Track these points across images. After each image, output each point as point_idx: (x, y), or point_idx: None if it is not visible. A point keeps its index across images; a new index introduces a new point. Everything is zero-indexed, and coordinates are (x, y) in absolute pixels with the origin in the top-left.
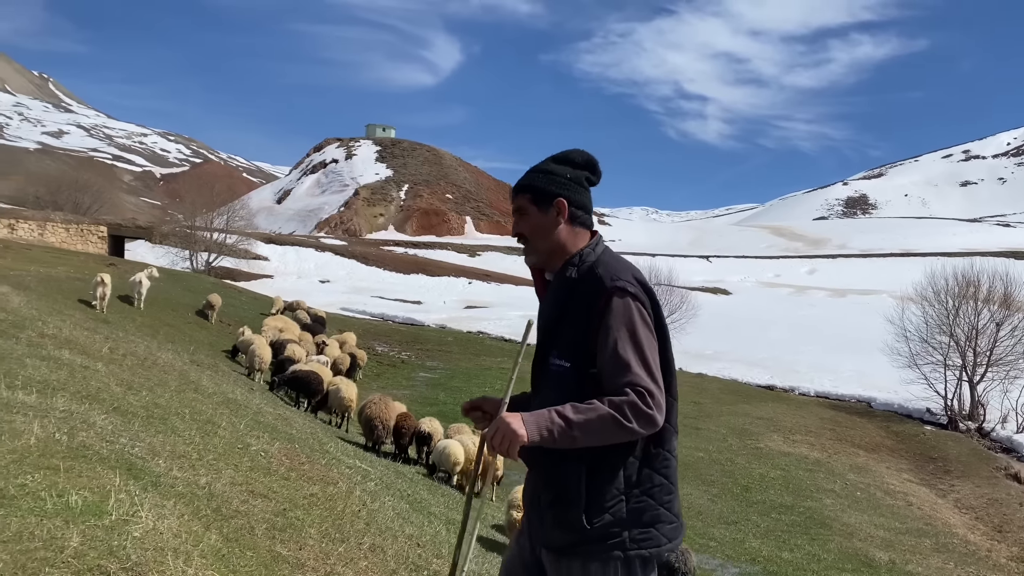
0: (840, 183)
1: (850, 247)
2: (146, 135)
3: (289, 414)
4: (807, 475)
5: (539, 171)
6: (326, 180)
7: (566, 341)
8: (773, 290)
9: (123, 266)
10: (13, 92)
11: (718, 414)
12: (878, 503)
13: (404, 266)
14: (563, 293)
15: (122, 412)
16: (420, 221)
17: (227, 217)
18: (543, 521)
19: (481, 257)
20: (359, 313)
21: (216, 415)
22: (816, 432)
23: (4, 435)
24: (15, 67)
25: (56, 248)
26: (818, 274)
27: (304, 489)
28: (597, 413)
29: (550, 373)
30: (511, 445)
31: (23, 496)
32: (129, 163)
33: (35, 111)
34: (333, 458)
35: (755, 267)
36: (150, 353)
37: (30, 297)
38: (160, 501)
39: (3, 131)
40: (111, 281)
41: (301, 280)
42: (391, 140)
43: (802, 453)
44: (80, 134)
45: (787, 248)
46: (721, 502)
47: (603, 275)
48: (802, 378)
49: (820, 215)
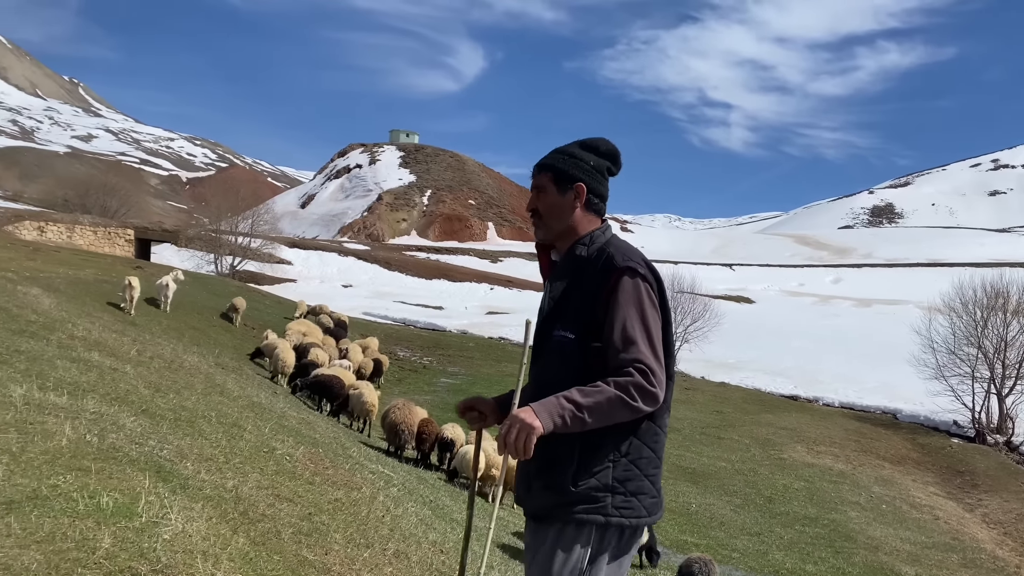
0: (866, 192)
1: (876, 256)
2: (173, 139)
3: (312, 418)
4: (831, 487)
5: (564, 153)
6: (350, 185)
7: (572, 314)
8: (797, 299)
9: (149, 269)
10: (44, 97)
11: (741, 424)
12: (904, 517)
13: (426, 271)
14: (572, 270)
15: (150, 415)
16: (442, 226)
17: (252, 221)
18: (530, 491)
19: (503, 263)
20: (381, 318)
21: (242, 418)
22: (840, 443)
23: (37, 436)
24: (46, 72)
25: (84, 250)
26: (843, 283)
27: (329, 494)
28: (605, 395)
29: (553, 343)
30: (528, 438)
31: (55, 497)
32: (156, 167)
33: (65, 115)
34: (356, 463)
35: (779, 276)
36: (176, 356)
37: (60, 299)
38: (188, 504)
39: (34, 135)
40: (139, 284)
41: (324, 284)
42: (414, 146)
43: (826, 464)
44: (109, 138)
45: (811, 257)
46: (744, 513)
47: (615, 255)
48: (826, 388)
49: (845, 224)
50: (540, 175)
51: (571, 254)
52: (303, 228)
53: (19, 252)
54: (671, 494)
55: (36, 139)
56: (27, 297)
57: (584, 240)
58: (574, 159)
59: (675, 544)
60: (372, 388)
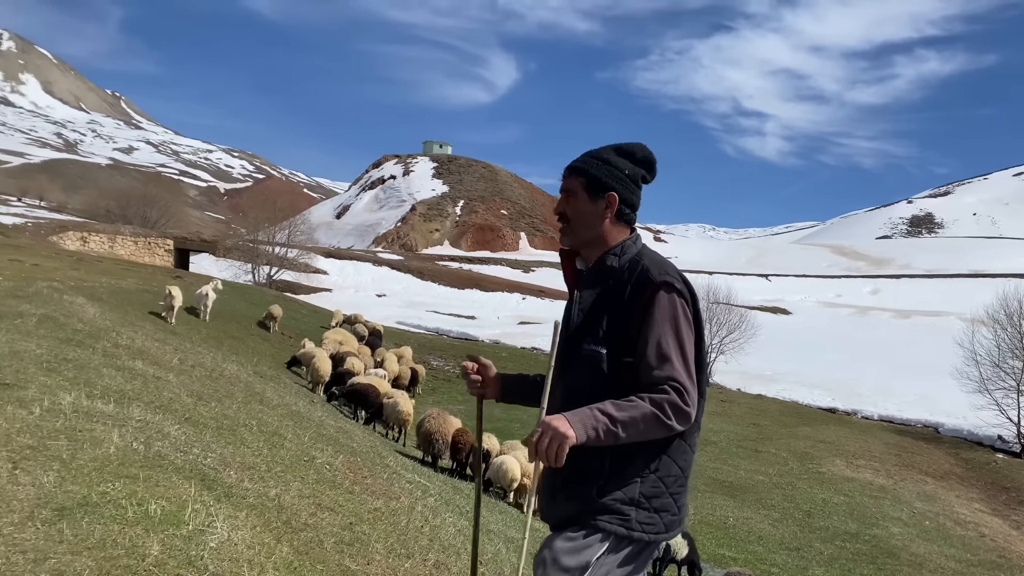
0: (904, 201)
1: (915, 267)
2: (211, 151)
3: (349, 427)
4: (872, 502)
5: (598, 158)
6: (384, 196)
7: (603, 328)
8: (834, 310)
9: (188, 279)
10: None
11: (778, 436)
12: (948, 533)
13: (459, 281)
14: (603, 281)
15: (194, 423)
16: (475, 236)
17: (288, 232)
18: (554, 499)
19: (535, 273)
20: (414, 327)
21: (282, 427)
22: (880, 457)
23: (86, 443)
24: (89, 86)
25: (125, 260)
26: (881, 294)
27: (368, 503)
28: (640, 411)
29: (583, 357)
30: (560, 447)
31: (105, 504)
32: (195, 178)
33: (107, 128)
34: (394, 472)
35: (816, 286)
36: (216, 365)
37: (103, 308)
38: (233, 512)
39: (77, 147)
40: (180, 294)
41: (358, 294)
42: (447, 156)
43: (866, 479)
44: (149, 150)
45: (849, 267)
46: (783, 527)
47: (650, 268)
48: (865, 401)
49: (883, 234)
50: (571, 178)
51: (601, 264)
52: (338, 238)
53: (63, 262)
54: (708, 507)
55: (80, 151)
56: (73, 306)
57: (615, 250)
58: (608, 166)
59: (713, 558)
60: (407, 397)
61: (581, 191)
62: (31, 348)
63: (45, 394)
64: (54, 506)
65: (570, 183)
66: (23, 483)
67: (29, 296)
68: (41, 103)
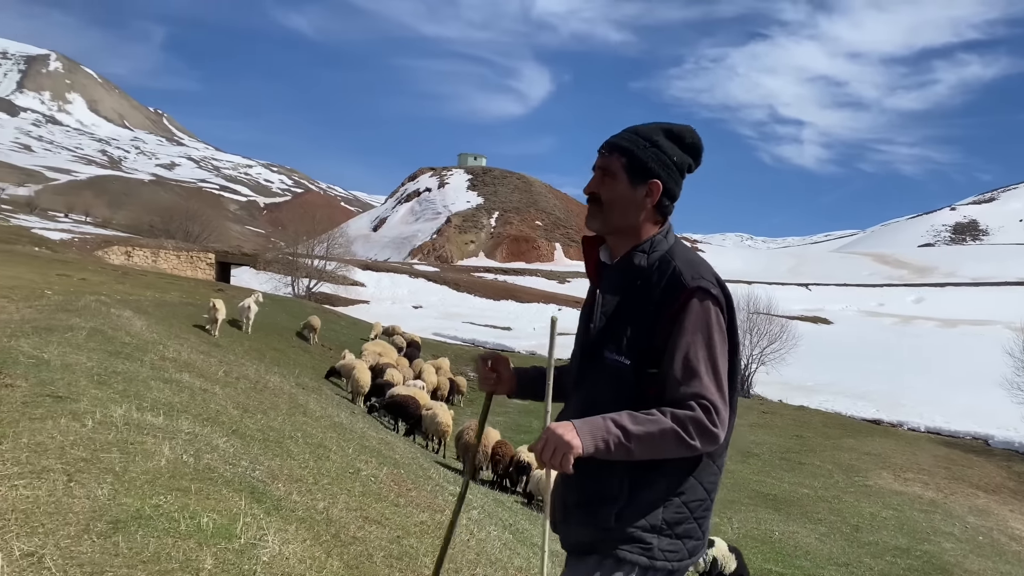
0: (947, 208)
1: (960, 275)
2: (251, 166)
3: (391, 438)
4: (922, 516)
5: (645, 138)
6: (419, 208)
7: (627, 336)
8: (877, 320)
9: (230, 292)
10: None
11: (822, 448)
12: (1003, 549)
13: (494, 292)
14: (628, 282)
15: (241, 435)
16: (510, 248)
17: (327, 244)
18: (568, 521)
19: (570, 284)
20: (450, 338)
21: (326, 439)
22: (929, 470)
23: (138, 456)
24: (133, 104)
25: (168, 274)
26: (925, 303)
27: (414, 516)
28: (659, 427)
29: (606, 368)
30: (564, 457)
31: (158, 517)
32: (235, 193)
33: (150, 145)
34: (436, 484)
35: (857, 296)
36: (260, 377)
37: (150, 321)
38: (283, 525)
39: (121, 164)
40: (223, 307)
41: (395, 306)
42: (482, 168)
43: (915, 492)
44: (190, 166)
45: (891, 276)
46: (830, 542)
47: (682, 271)
48: (910, 412)
49: (926, 242)
50: (612, 157)
51: (628, 263)
52: (375, 251)
53: (109, 276)
54: (752, 521)
55: (124, 168)
56: (120, 319)
57: (643, 247)
58: (656, 149)
59: (759, 573)
60: (446, 409)
61: (621, 173)
62: (82, 361)
63: (97, 407)
64: (109, 519)
65: (609, 162)
66: (78, 495)
67: (78, 310)
68: (87, 121)
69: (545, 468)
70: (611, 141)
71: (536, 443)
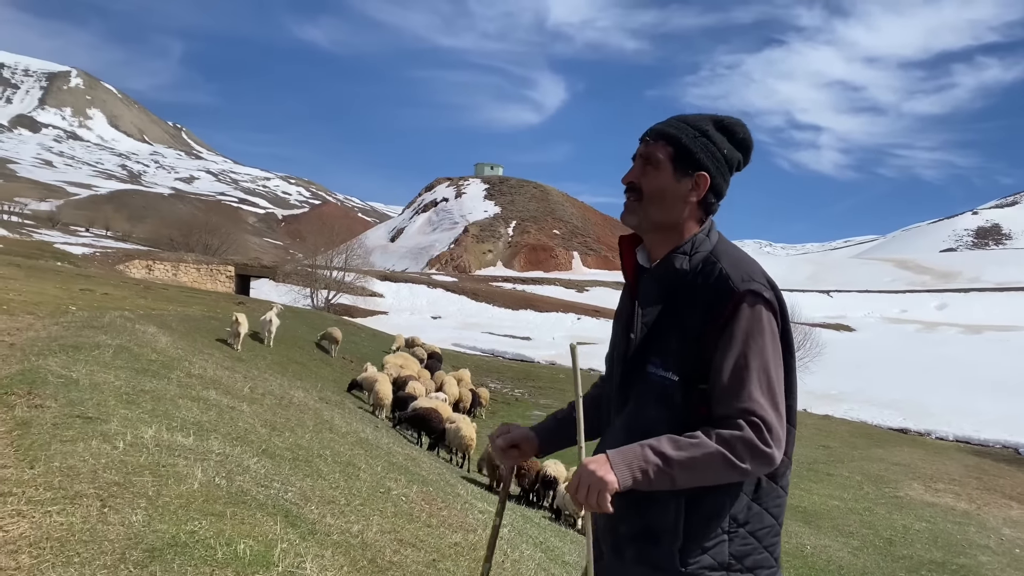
0: (969, 212)
1: (984, 280)
2: (269, 179)
3: (416, 454)
4: (956, 528)
5: (694, 128)
6: (437, 218)
7: (673, 348)
8: (900, 326)
9: (250, 304)
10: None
11: (850, 459)
12: None
13: (512, 302)
14: (670, 287)
15: (270, 455)
16: (528, 257)
17: (346, 256)
18: (621, 555)
19: (589, 292)
20: (470, 349)
21: (354, 456)
22: (960, 481)
23: (170, 479)
24: (152, 118)
25: (188, 287)
26: (949, 309)
27: (447, 537)
28: (703, 450)
29: (652, 385)
30: (600, 496)
31: (194, 544)
32: (253, 205)
33: (169, 159)
34: (466, 502)
35: (879, 302)
36: (285, 392)
37: (174, 337)
38: (319, 551)
39: (141, 178)
40: (246, 321)
41: (414, 316)
42: (499, 178)
43: (947, 504)
44: (209, 179)
45: (913, 282)
46: (864, 556)
47: (730, 274)
48: (938, 421)
49: (948, 247)
50: (656, 144)
51: (668, 266)
52: (393, 261)
53: (131, 290)
54: (784, 535)
55: (143, 182)
56: (145, 335)
57: (684, 248)
58: (706, 139)
59: None
60: (469, 422)
61: (666, 162)
62: (110, 380)
63: (127, 428)
64: (145, 547)
65: (653, 150)
66: (113, 522)
67: (104, 326)
68: (107, 136)
69: (582, 510)
70: (656, 128)
71: (571, 483)
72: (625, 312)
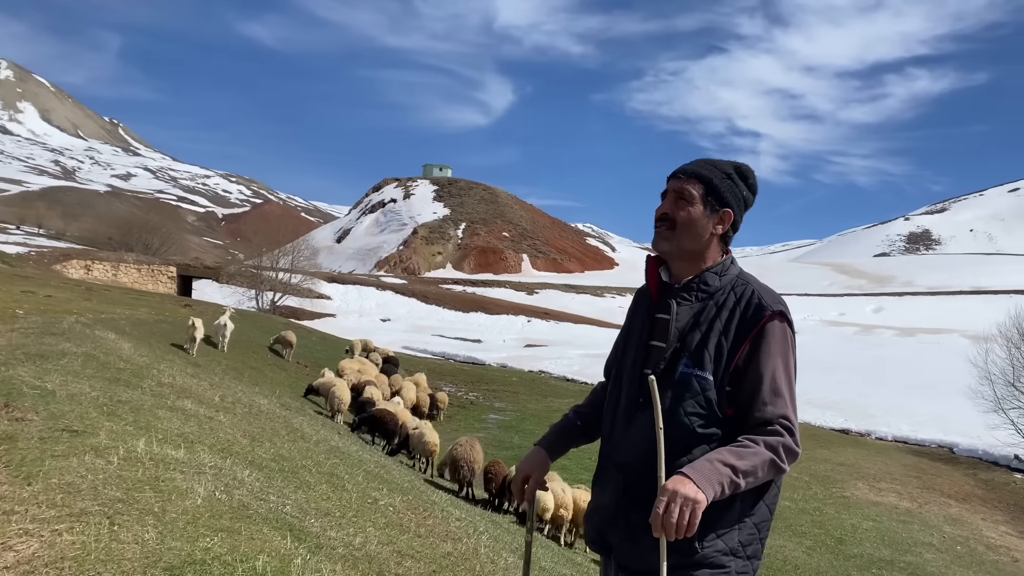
0: (901, 218)
1: (917, 284)
2: (209, 177)
3: (384, 460)
4: (901, 527)
5: (721, 171)
6: (385, 219)
7: (706, 352)
8: (838, 329)
9: (197, 306)
10: (86, 137)
11: (797, 460)
12: (981, 558)
13: (463, 304)
14: (703, 300)
15: (258, 466)
16: (477, 259)
17: (292, 257)
18: (635, 541)
19: (539, 295)
20: (421, 352)
21: (333, 466)
22: (902, 480)
23: (172, 494)
24: (87, 113)
25: (130, 288)
26: (885, 312)
27: (439, 547)
28: (760, 458)
29: (687, 384)
30: (692, 515)
31: (211, 561)
32: (193, 204)
33: (105, 155)
34: (443, 510)
35: (818, 305)
36: (252, 400)
37: (135, 343)
38: (331, 566)
39: (75, 174)
40: (202, 326)
41: (363, 319)
42: (448, 179)
43: (891, 503)
44: (147, 176)
45: (850, 286)
46: (817, 555)
47: (763, 295)
48: (878, 422)
49: (881, 251)
50: (690, 182)
51: (702, 282)
52: (339, 263)
53: (74, 292)
54: None
55: (77, 178)
56: (107, 342)
57: (716, 269)
58: (731, 182)
59: None
60: (432, 428)
61: (699, 199)
62: (85, 390)
63: (117, 441)
64: (163, 565)
65: (687, 186)
66: (126, 540)
67: (64, 333)
68: (39, 131)
69: (665, 534)
70: (689, 169)
71: (657, 506)
72: (644, 323)
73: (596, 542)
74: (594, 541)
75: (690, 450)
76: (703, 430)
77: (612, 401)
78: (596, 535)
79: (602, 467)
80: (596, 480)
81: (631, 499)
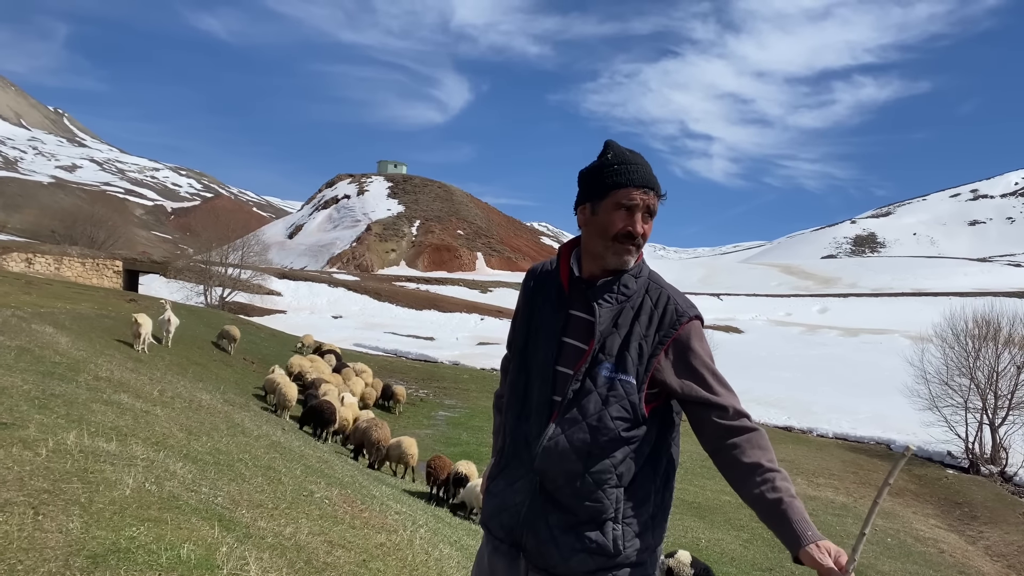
0: (848, 221)
1: (861, 286)
2: (158, 169)
3: (327, 456)
4: (835, 520)
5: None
6: (338, 215)
7: (628, 356)
8: (785, 328)
9: (142, 302)
10: (28, 127)
11: None
12: (910, 550)
13: (416, 302)
14: (621, 302)
15: (193, 459)
16: (431, 257)
17: (242, 252)
18: (556, 544)
19: (493, 293)
20: (372, 349)
21: (272, 460)
22: (839, 475)
23: (100, 485)
24: (31, 102)
25: (74, 282)
26: (829, 313)
27: (372, 538)
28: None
29: (610, 384)
30: (838, 559)
31: (136, 549)
32: (141, 197)
33: (49, 145)
34: (382, 503)
35: (766, 305)
36: (192, 395)
37: (72, 337)
38: (258, 554)
39: (17, 165)
40: (148, 322)
41: (314, 315)
42: (402, 176)
43: (828, 497)
44: (93, 168)
45: (798, 286)
46: (753, 548)
47: (678, 300)
48: (820, 419)
49: (828, 253)
50: (653, 196)
51: (623, 284)
52: (291, 259)
53: (13, 286)
54: (680, 529)
55: (19, 169)
56: (44, 336)
57: (634, 271)
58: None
59: None
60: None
61: (653, 212)
62: (17, 384)
63: (47, 433)
64: (87, 554)
65: (653, 201)
66: (50, 530)
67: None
68: None
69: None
70: (654, 180)
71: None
72: (555, 317)
73: (504, 541)
74: (502, 540)
75: (613, 453)
76: (627, 433)
77: (518, 393)
78: (504, 535)
79: (509, 464)
80: (500, 473)
81: (550, 501)
